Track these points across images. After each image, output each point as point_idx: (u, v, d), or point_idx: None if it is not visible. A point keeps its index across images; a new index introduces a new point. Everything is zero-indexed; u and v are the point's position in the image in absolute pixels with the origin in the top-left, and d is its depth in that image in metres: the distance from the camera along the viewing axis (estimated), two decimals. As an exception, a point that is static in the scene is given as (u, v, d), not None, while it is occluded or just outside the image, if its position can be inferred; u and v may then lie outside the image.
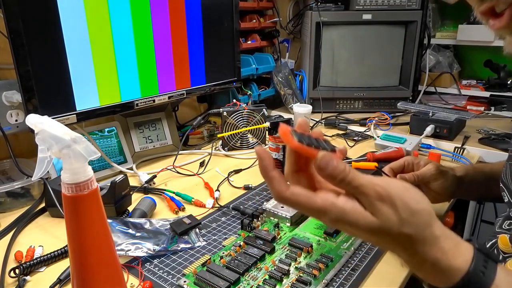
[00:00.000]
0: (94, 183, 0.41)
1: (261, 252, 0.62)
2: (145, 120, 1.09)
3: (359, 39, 1.48)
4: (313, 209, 0.37)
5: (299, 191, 0.37)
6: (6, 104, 0.83)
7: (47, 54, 0.78)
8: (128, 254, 0.62)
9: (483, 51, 1.85)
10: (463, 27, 1.75)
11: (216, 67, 1.18)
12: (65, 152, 0.38)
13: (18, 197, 0.81)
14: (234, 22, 1.20)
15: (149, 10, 0.95)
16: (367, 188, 0.36)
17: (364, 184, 0.36)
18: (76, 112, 0.85)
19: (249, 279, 0.57)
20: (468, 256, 0.38)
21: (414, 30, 1.44)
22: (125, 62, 0.93)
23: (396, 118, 1.46)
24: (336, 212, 0.37)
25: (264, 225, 0.72)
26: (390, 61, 1.51)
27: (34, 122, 0.39)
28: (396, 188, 0.37)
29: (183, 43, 1.06)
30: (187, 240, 0.67)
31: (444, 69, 1.86)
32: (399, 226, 0.36)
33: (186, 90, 1.10)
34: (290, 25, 1.75)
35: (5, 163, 0.90)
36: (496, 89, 1.75)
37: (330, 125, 1.37)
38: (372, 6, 1.44)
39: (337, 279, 0.58)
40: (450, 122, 1.19)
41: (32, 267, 0.60)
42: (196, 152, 1.14)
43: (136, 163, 1.03)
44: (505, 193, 0.67)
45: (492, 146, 1.15)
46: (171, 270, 0.60)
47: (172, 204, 0.80)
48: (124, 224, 0.68)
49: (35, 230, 0.73)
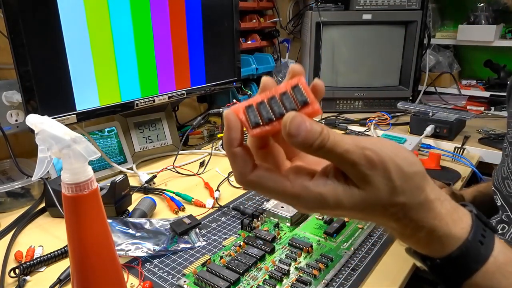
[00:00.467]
0: (94, 183, 0.41)
1: (261, 252, 0.62)
2: (145, 120, 1.09)
3: (359, 39, 1.48)
4: (283, 195, 0.31)
5: (265, 174, 0.31)
6: (6, 104, 0.83)
7: (47, 54, 0.78)
8: (128, 254, 0.62)
9: (483, 51, 1.85)
10: (463, 27, 1.75)
11: (216, 67, 1.18)
12: (65, 152, 0.38)
13: (18, 197, 0.81)
14: (234, 22, 1.20)
15: (149, 10, 0.95)
16: (354, 155, 0.29)
17: (350, 149, 0.29)
18: (76, 112, 0.85)
19: (249, 279, 0.57)
20: (466, 223, 0.34)
21: (414, 30, 1.44)
22: (125, 62, 0.93)
23: (396, 118, 1.46)
24: (312, 198, 0.31)
25: (264, 225, 0.72)
26: (390, 61, 1.51)
27: (34, 122, 0.39)
28: (387, 150, 0.30)
29: (183, 43, 1.06)
30: (187, 240, 0.67)
31: (444, 69, 1.86)
32: (391, 195, 0.30)
33: (186, 90, 1.10)
34: (290, 25, 1.75)
35: (5, 163, 0.90)
36: (496, 89, 1.75)
37: (330, 125, 1.37)
38: (372, 6, 1.44)
39: (337, 279, 0.58)
40: (450, 122, 1.19)
41: (32, 267, 0.60)
42: (196, 152, 1.14)
43: (136, 163, 1.03)
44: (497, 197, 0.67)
45: (492, 146, 1.15)
46: (171, 270, 0.60)
47: (172, 204, 0.80)
48: (124, 224, 0.68)
49: (35, 230, 0.73)
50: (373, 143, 0.30)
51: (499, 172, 0.66)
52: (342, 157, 0.29)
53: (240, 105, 0.31)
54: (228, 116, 0.30)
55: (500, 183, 0.66)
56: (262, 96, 0.31)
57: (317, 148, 0.29)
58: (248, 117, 0.30)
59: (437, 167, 1.01)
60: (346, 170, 0.30)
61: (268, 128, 0.30)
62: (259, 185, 0.31)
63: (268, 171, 0.31)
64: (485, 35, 1.67)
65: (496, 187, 0.67)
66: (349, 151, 0.29)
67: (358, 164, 0.29)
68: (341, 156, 0.29)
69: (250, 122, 0.30)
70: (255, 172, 0.31)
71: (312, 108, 0.29)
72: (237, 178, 0.31)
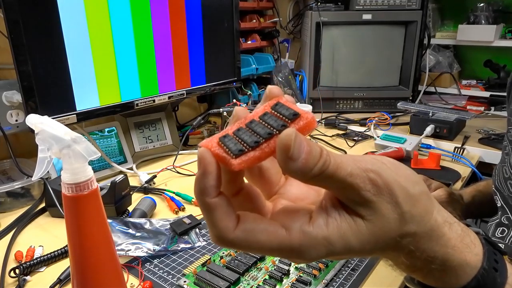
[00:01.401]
0: (94, 183, 0.41)
1: (261, 252, 0.62)
2: (145, 120, 1.09)
3: (359, 39, 1.48)
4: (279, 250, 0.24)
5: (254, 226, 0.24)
6: (6, 104, 0.83)
7: (47, 54, 0.78)
8: (128, 254, 0.62)
9: (483, 51, 1.85)
10: (463, 27, 1.75)
11: (216, 67, 1.18)
12: (65, 152, 0.38)
13: (18, 197, 0.81)
14: (234, 22, 1.20)
15: (149, 10, 0.95)
16: (358, 178, 0.24)
17: (353, 172, 0.24)
18: (76, 112, 0.85)
19: (249, 279, 0.57)
20: (478, 248, 0.30)
21: (414, 30, 1.44)
22: (125, 62, 0.93)
23: (396, 118, 1.46)
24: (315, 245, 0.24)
25: (264, 225, 0.72)
26: (390, 61, 1.51)
27: (34, 122, 0.39)
28: (388, 171, 0.25)
29: (183, 43, 1.06)
30: (187, 240, 0.67)
31: (444, 69, 1.86)
32: (401, 224, 0.26)
33: (186, 90, 1.10)
34: (290, 25, 1.75)
35: (5, 163, 0.90)
36: (496, 89, 1.75)
37: (330, 125, 1.37)
38: (372, 6, 1.44)
39: (337, 279, 0.58)
40: (450, 122, 1.19)
41: (32, 267, 0.60)
42: (196, 152, 1.14)
43: (136, 163, 1.03)
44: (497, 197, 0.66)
45: (492, 146, 1.15)
46: (171, 270, 0.60)
47: (172, 204, 0.80)
48: (124, 224, 0.68)
49: (35, 230, 0.73)
50: (373, 163, 0.25)
51: (500, 171, 0.65)
52: (345, 182, 0.24)
53: (211, 138, 0.25)
54: (203, 155, 0.23)
55: (501, 183, 0.65)
56: (237, 124, 0.25)
57: (318, 173, 0.23)
58: (226, 147, 0.24)
59: (437, 167, 1.01)
60: (348, 197, 0.25)
61: (257, 153, 0.23)
62: (247, 242, 0.24)
63: (256, 221, 0.25)
64: (485, 35, 1.67)
65: (497, 187, 0.66)
66: (352, 175, 0.24)
67: (363, 190, 0.24)
68: (344, 181, 0.24)
69: (230, 152, 0.23)
70: (241, 225, 0.24)
71: (306, 118, 0.23)
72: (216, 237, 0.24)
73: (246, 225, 0.24)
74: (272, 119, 0.24)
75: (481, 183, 0.86)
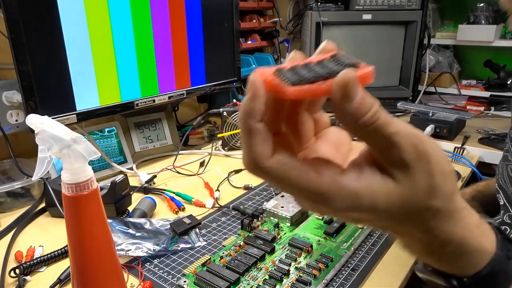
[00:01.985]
0: (94, 183, 0.41)
1: (261, 252, 0.62)
2: (145, 120, 1.09)
3: (359, 39, 1.48)
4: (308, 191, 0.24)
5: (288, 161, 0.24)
6: (6, 104, 0.83)
7: (47, 54, 0.78)
8: (128, 254, 0.62)
9: (483, 51, 1.85)
10: (463, 27, 1.75)
11: (216, 67, 1.18)
12: (65, 152, 0.38)
13: (18, 197, 0.81)
14: (234, 22, 1.20)
15: (149, 10, 0.95)
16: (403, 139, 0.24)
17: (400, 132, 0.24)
18: (76, 112, 0.85)
19: (249, 279, 0.57)
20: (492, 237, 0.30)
21: (414, 30, 1.44)
22: (125, 62, 0.93)
23: (396, 118, 1.45)
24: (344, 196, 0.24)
25: (264, 225, 0.72)
26: (390, 61, 1.51)
27: (34, 122, 0.39)
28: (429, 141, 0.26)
29: (183, 43, 1.06)
30: (187, 240, 0.67)
31: (444, 69, 1.86)
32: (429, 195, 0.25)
33: (186, 90, 1.10)
34: (290, 25, 1.75)
35: (5, 163, 0.90)
36: (496, 89, 1.75)
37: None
38: (372, 6, 1.44)
39: (337, 279, 0.58)
40: (450, 122, 1.19)
41: (32, 267, 0.60)
42: (196, 152, 1.14)
43: (136, 163, 1.03)
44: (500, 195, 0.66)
45: (492, 146, 1.15)
46: (171, 270, 0.60)
47: (172, 204, 0.80)
48: (124, 224, 0.68)
49: (35, 230, 0.73)
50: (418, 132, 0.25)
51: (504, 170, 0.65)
52: (390, 139, 0.24)
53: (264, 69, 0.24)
54: (255, 79, 0.23)
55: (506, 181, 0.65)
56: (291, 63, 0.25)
57: (368, 123, 0.23)
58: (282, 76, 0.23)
59: (437, 167, 1.01)
60: (388, 157, 0.25)
61: (313, 87, 0.23)
62: (279, 173, 0.24)
63: (291, 157, 0.24)
64: (485, 35, 1.67)
65: (500, 186, 0.65)
66: (398, 134, 0.24)
67: (404, 152, 0.24)
68: (389, 139, 0.24)
69: (287, 80, 0.23)
70: (276, 156, 0.24)
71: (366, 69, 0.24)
72: (251, 162, 0.24)
73: (282, 157, 0.24)
74: (331, 64, 0.24)
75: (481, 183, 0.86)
